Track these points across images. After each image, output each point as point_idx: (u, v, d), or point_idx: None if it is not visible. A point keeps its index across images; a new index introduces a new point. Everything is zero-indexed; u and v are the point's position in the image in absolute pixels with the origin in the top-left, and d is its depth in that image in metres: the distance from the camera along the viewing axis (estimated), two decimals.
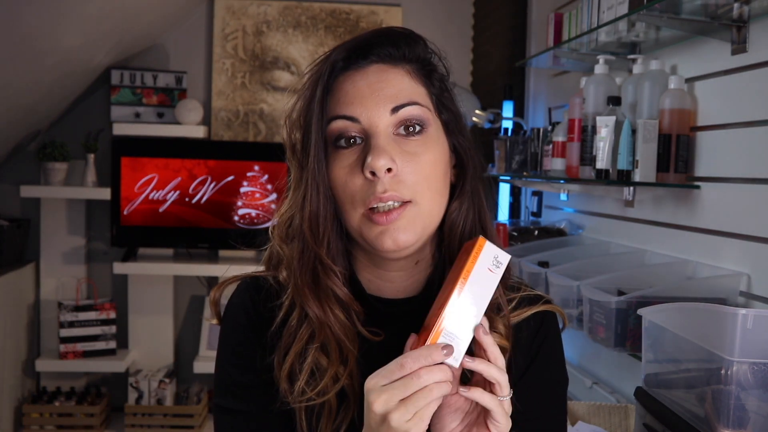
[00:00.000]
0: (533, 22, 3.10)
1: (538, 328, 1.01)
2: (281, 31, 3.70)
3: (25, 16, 2.35)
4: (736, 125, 1.70)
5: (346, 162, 0.91)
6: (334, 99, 0.92)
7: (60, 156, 3.41)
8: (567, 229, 2.62)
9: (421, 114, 0.92)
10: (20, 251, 3.49)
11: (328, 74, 0.92)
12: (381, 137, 0.89)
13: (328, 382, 0.91)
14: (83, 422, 3.36)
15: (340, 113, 0.91)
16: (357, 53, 0.93)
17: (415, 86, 0.93)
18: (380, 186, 0.88)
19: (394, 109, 0.90)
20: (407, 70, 0.93)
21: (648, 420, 1.45)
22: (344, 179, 0.91)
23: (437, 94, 0.95)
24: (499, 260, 0.84)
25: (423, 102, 0.92)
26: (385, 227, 0.89)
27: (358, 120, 0.90)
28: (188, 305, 3.76)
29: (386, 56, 0.93)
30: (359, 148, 0.91)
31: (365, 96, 0.90)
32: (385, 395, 0.79)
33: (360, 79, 0.92)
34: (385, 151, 0.88)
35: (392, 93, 0.91)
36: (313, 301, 0.92)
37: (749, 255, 1.66)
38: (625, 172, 1.86)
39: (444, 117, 0.96)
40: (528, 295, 1.01)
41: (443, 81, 0.97)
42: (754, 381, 1.18)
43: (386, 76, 0.92)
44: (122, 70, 3.53)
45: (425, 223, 0.91)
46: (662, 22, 1.77)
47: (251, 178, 3.46)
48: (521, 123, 3.07)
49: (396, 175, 0.88)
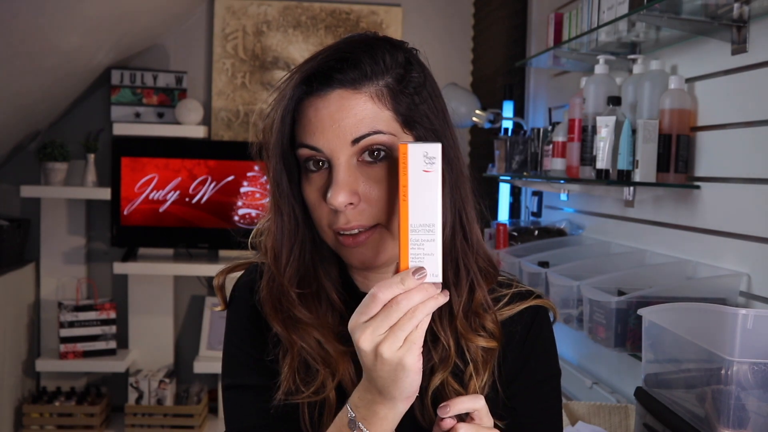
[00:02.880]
0: (533, 22, 3.10)
1: (531, 324, 1.01)
2: (281, 31, 3.70)
3: (25, 16, 2.35)
4: (736, 125, 1.70)
5: (314, 186, 0.92)
6: (300, 124, 0.92)
7: (60, 156, 3.41)
8: (567, 229, 2.62)
9: (385, 140, 0.89)
10: (20, 251, 3.49)
11: (292, 100, 0.92)
12: (341, 169, 0.89)
13: (325, 378, 0.94)
14: (83, 422, 3.36)
15: (305, 142, 0.91)
16: (318, 79, 0.91)
17: (378, 112, 0.89)
18: (342, 218, 0.89)
19: (355, 140, 0.89)
20: (370, 95, 0.89)
21: (648, 420, 1.45)
22: (314, 203, 0.92)
23: (405, 113, 0.91)
24: (429, 156, 0.81)
25: (386, 129, 0.89)
26: (354, 248, 0.91)
27: (321, 150, 0.90)
28: (188, 305, 3.76)
29: (348, 81, 0.89)
30: (326, 173, 0.91)
31: (326, 127, 0.89)
32: (369, 329, 0.79)
33: (322, 107, 0.90)
34: (345, 185, 0.88)
35: (352, 123, 0.88)
36: (278, 325, 0.95)
37: (749, 255, 1.66)
38: (625, 172, 1.86)
39: (416, 133, 0.92)
40: (519, 290, 1.02)
41: (416, 94, 0.92)
42: (754, 381, 1.18)
43: (348, 104, 0.89)
44: (122, 70, 3.53)
45: (396, 240, 0.91)
46: (662, 22, 1.77)
47: (251, 178, 3.46)
48: (521, 123, 3.07)
49: (357, 206, 0.89)
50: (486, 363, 0.96)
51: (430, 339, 0.95)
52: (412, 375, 0.80)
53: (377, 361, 0.79)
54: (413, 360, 0.79)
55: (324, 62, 0.91)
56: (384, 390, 0.82)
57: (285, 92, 0.93)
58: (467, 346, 0.96)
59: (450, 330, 0.95)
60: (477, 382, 0.96)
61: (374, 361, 0.79)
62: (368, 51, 0.91)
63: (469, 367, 0.96)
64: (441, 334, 0.94)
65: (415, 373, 0.80)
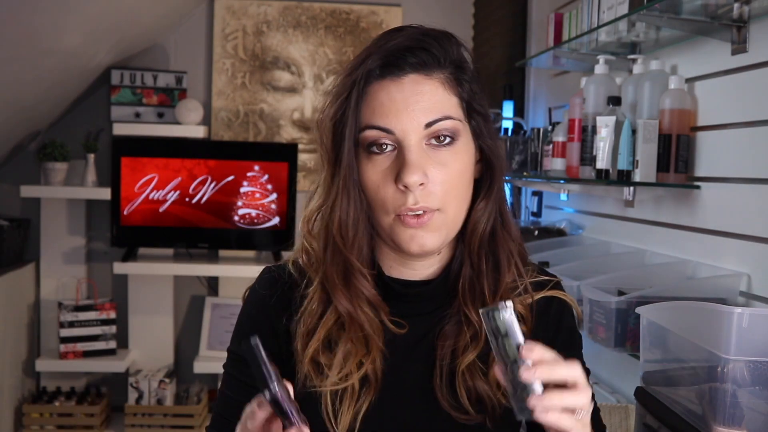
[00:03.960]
0: (533, 22, 3.10)
1: (562, 311, 1.06)
2: (281, 31, 3.70)
3: (25, 15, 2.35)
4: (736, 125, 1.70)
5: (378, 168, 0.94)
6: (369, 107, 0.94)
7: (60, 156, 3.41)
8: (567, 229, 2.62)
9: (453, 126, 0.94)
10: (20, 251, 3.49)
11: (363, 82, 0.94)
12: (414, 150, 0.92)
13: (352, 367, 0.96)
14: (83, 422, 3.36)
15: (376, 124, 0.93)
16: (392, 63, 0.94)
17: (448, 97, 0.95)
18: (411, 198, 0.92)
19: (428, 124, 0.93)
20: (441, 81, 0.95)
21: (648, 420, 1.45)
22: (377, 185, 0.94)
23: (468, 100, 0.97)
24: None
25: (455, 114, 0.95)
26: (415, 231, 0.93)
27: (392, 132, 0.93)
28: (188, 305, 3.76)
29: (421, 66, 0.94)
30: (392, 155, 0.94)
31: (400, 110, 0.93)
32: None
33: (396, 91, 0.93)
34: (419, 165, 0.92)
35: (426, 107, 0.93)
36: (345, 299, 0.97)
37: (749, 255, 1.66)
38: (625, 172, 1.86)
39: (473, 122, 0.98)
40: (550, 279, 1.06)
41: (473, 82, 0.98)
42: (750, 379, 1.19)
43: (421, 89, 0.93)
44: (122, 70, 3.53)
45: (450, 228, 0.96)
46: (662, 22, 1.77)
47: (251, 178, 3.46)
48: (521, 123, 3.07)
49: (426, 186, 0.92)
50: None
51: (464, 319, 0.99)
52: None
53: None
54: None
55: (398, 46, 0.94)
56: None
57: (355, 76, 0.95)
58: None
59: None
60: None
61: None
62: (437, 39, 0.96)
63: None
64: (473, 316, 0.98)
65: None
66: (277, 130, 3.73)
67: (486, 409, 0.97)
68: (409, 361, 1.00)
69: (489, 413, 0.97)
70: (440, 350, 0.99)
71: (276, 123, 3.72)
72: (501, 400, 0.97)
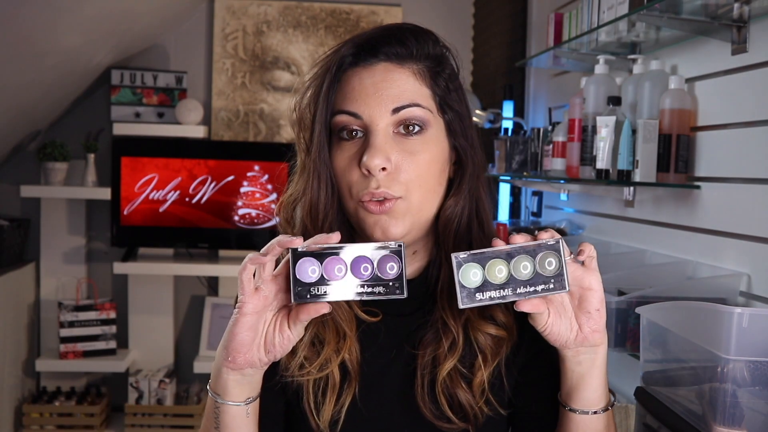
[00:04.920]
0: (533, 22, 3.10)
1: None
2: (281, 31, 3.70)
3: (24, 15, 2.35)
4: (736, 125, 1.70)
5: (346, 153, 0.95)
6: (341, 93, 0.96)
7: (60, 156, 3.41)
8: (567, 229, 2.62)
9: (422, 115, 0.95)
10: (20, 251, 3.49)
11: (336, 68, 0.96)
12: (379, 135, 0.93)
13: (327, 357, 0.96)
14: (83, 422, 3.36)
15: (344, 108, 0.95)
16: (366, 50, 0.95)
17: (419, 87, 0.95)
18: (374, 182, 0.92)
19: (395, 109, 0.93)
20: (413, 71, 0.96)
21: (648, 420, 1.45)
22: (343, 169, 0.95)
23: (441, 95, 0.97)
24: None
25: (425, 104, 0.95)
26: (378, 217, 0.93)
27: (360, 116, 0.94)
28: (188, 305, 3.76)
29: (394, 55, 0.95)
30: (360, 141, 0.95)
31: (369, 94, 0.94)
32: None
33: (367, 77, 0.95)
34: (381, 150, 0.92)
35: (395, 93, 0.94)
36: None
37: (749, 255, 1.66)
38: (625, 172, 1.86)
39: (447, 117, 0.98)
40: None
41: (450, 81, 0.98)
42: (750, 379, 1.19)
43: (392, 76, 0.95)
44: (122, 70, 3.53)
45: (415, 217, 0.96)
46: (662, 22, 1.77)
47: (251, 178, 3.46)
48: (521, 123, 3.07)
49: (390, 173, 0.93)
50: (495, 354, 0.98)
51: (441, 327, 0.98)
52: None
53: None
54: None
55: (372, 36, 0.96)
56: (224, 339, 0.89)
57: (329, 63, 0.97)
58: (476, 337, 0.98)
59: (460, 319, 0.97)
60: (485, 372, 0.97)
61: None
62: (414, 34, 0.97)
63: (478, 359, 0.98)
64: (450, 322, 0.97)
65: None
66: (277, 130, 3.73)
67: (468, 418, 0.97)
68: (390, 364, 1.00)
69: (471, 421, 0.97)
70: (421, 359, 0.98)
71: (276, 123, 3.72)
72: (483, 408, 0.97)
